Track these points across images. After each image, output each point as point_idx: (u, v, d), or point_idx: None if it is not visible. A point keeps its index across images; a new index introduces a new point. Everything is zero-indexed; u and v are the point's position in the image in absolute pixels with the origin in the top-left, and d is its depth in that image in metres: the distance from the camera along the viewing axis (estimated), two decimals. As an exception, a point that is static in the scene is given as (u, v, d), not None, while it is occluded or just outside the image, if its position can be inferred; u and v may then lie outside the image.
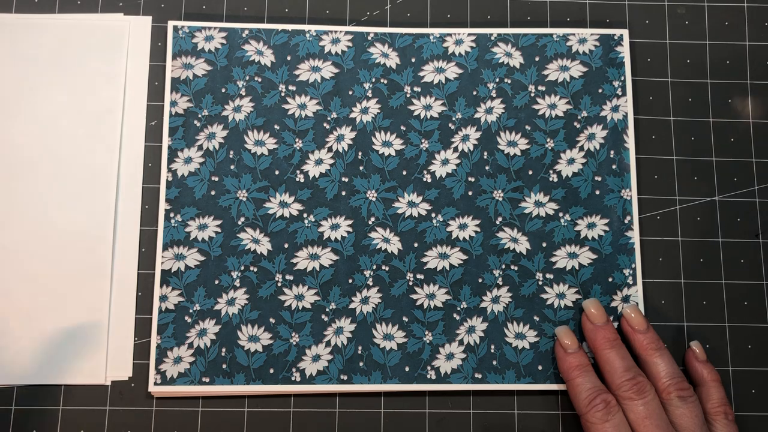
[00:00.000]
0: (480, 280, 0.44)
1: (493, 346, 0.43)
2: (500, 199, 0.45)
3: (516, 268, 0.44)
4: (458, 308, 0.44)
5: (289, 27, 0.47)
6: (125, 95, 0.47)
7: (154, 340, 0.43)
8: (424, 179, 0.45)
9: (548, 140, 0.46)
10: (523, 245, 0.45)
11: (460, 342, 0.43)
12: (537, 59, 0.47)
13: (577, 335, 0.43)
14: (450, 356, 0.43)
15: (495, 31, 0.47)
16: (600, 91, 0.46)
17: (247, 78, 0.46)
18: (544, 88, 0.46)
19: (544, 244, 0.45)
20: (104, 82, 0.47)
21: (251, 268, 0.44)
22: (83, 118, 0.46)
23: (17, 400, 0.43)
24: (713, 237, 0.46)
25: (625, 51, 0.47)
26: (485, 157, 0.45)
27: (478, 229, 0.45)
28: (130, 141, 0.46)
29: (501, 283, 0.44)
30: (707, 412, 0.41)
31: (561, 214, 0.45)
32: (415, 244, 0.44)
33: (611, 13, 0.49)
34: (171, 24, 0.47)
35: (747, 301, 0.46)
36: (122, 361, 0.44)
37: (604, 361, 0.41)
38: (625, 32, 0.48)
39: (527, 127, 0.46)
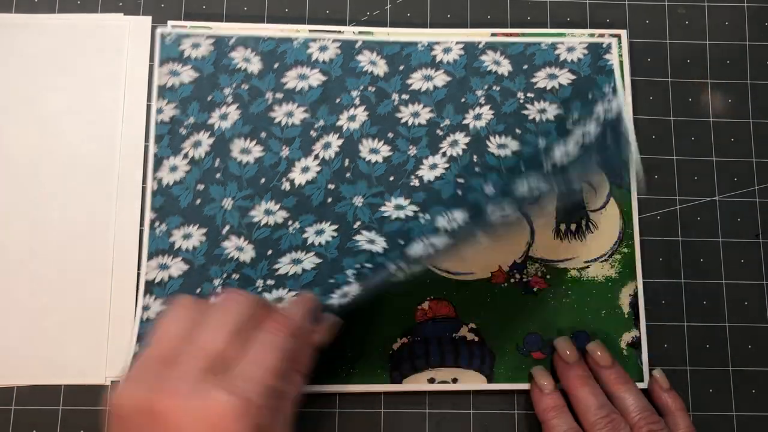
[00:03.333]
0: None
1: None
2: None
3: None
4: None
5: (278, 33, 0.47)
6: (125, 95, 0.47)
7: (133, 348, 0.43)
8: (412, 184, 0.45)
9: (539, 139, 0.46)
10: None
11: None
12: (525, 67, 0.47)
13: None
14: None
15: (483, 40, 0.47)
16: (589, 97, 0.46)
17: (234, 85, 0.46)
18: (533, 95, 0.46)
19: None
20: (104, 83, 0.47)
21: (233, 276, 0.44)
22: (83, 118, 0.46)
23: (17, 400, 0.43)
24: (713, 237, 0.46)
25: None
26: (475, 160, 0.45)
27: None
28: (130, 141, 0.46)
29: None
30: None
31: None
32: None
33: (611, 13, 0.49)
34: (159, 32, 0.47)
35: (747, 301, 0.46)
36: (122, 361, 0.44)
37: (578, 400, 0.41)
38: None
39: (517, 131, 0.46)
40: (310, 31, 0.48)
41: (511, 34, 0.48)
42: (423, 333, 0.44)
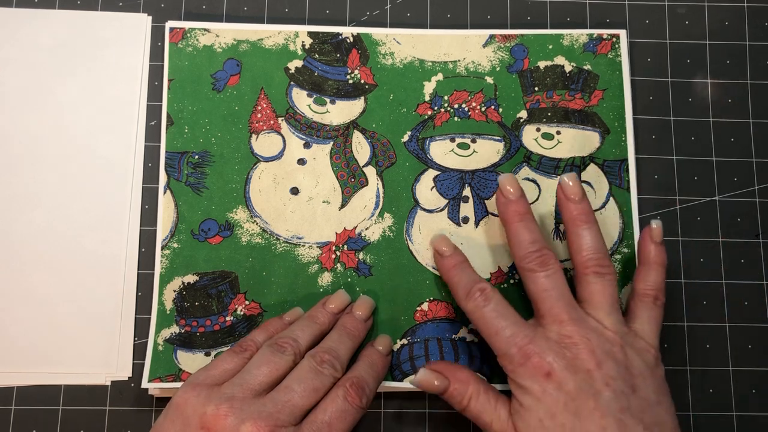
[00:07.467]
0: None
1: None
2: None
3: None
4: None
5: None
6: (124, 95, 0.47)
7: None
8: None
9: None
10: None
11: None
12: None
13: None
14: None
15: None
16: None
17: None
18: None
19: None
20: (102, 83, 0.47)
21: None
22: (97, 112, 0.46)
23: (17, 400, 0.43)
24: (713, 237, 0.46)
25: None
26: None
27: None
28: (130, 141, 0.46)
29: None
30: (636, 292, 0.40)
31: None
32: None
33: (611, 13, 0.49)
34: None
35: (747, 301, 0.46)
36: (122, 361, 0.44)
37: (512, 234, 0.40)
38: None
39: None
40: (309, 32, 0.48)
41: (510, 35, 0.48)
42: (423, 334, 0.44)
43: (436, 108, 0.47)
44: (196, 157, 0.46)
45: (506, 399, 0.39)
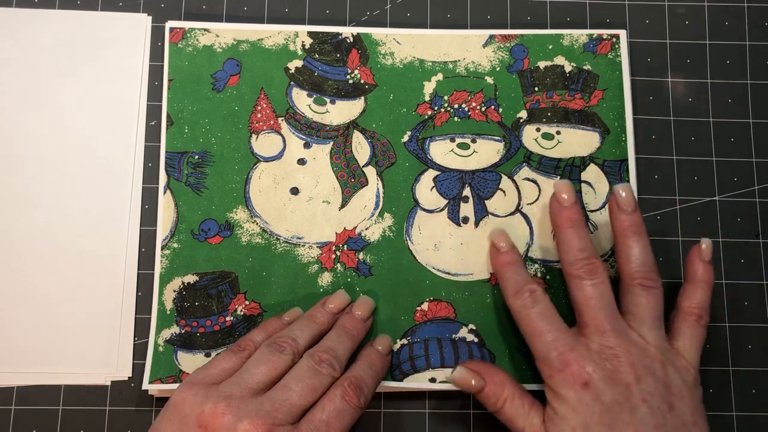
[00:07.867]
0: None
1: None
2: None
3: None
4: None
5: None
6: (124, 95, 0.47)
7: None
8: None
9: None
10: None
11: None
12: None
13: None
14: None
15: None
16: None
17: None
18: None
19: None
20: (102, 83, 0.47)
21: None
22: (96, 113, 0.46)
23: (17, 400, 0.43)
24: (713, 237, 0.46)
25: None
26: None
27: None
28: (130, 141, 0.46)
29: None
30: (681, 309, 0.40)
31: None
32: None
33: (611, 13, 0.49)
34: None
35: (747, 301, 0.46)
36: (122, 361, 0.44)
37: (562, 240, 0.41)
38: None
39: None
40: (309, 32, 0.48)
41: (510, 35, 0.48)
42: (423, 334, 0.44)
43: (436, 108, 0.47)
44: (196, 157, 0.46)
45: (540, 405, 0.39)
